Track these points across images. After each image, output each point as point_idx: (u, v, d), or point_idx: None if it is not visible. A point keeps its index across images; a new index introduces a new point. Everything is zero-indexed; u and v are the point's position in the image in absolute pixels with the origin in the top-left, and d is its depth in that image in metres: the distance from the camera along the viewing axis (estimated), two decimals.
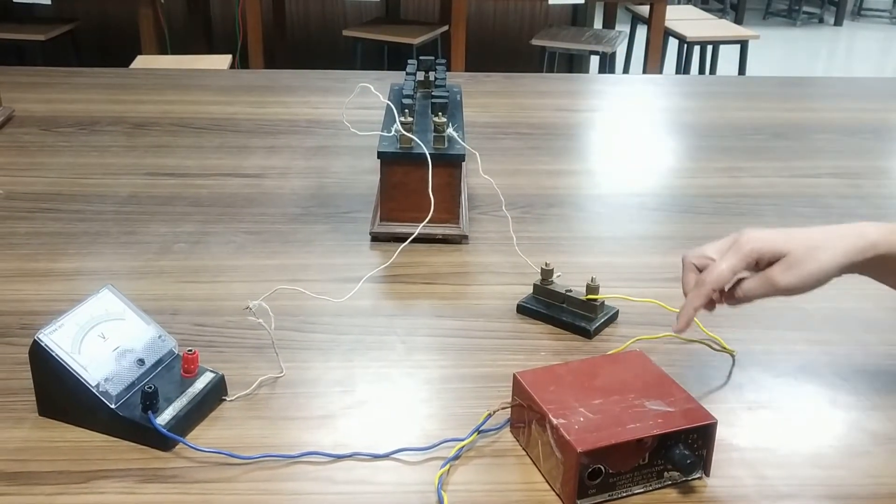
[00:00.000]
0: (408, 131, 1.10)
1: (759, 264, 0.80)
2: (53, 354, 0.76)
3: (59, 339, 0.77)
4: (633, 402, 0.73)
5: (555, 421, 0.70)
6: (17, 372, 0.84)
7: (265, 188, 1.31)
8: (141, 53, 3.58)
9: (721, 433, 0.73)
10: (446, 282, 1.05)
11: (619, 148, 1.56)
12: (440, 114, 1.13)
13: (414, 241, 1.07)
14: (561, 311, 0.96)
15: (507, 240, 1.11)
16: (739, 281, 0.81)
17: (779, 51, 6.53)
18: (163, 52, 3.78)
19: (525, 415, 0.76)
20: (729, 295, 0.82)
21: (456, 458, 0.75)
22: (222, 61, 3.20)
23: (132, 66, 2.89)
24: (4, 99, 1.57)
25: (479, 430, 0.78)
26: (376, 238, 1.14)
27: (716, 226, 1.22)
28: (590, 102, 1.86)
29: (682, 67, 4.41)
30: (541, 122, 1.64)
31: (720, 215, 1.25)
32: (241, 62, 3.90)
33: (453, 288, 1.04)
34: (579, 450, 0.67)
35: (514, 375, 0.77)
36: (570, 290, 0.96)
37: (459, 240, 1.14)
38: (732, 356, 0.91)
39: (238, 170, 1.37)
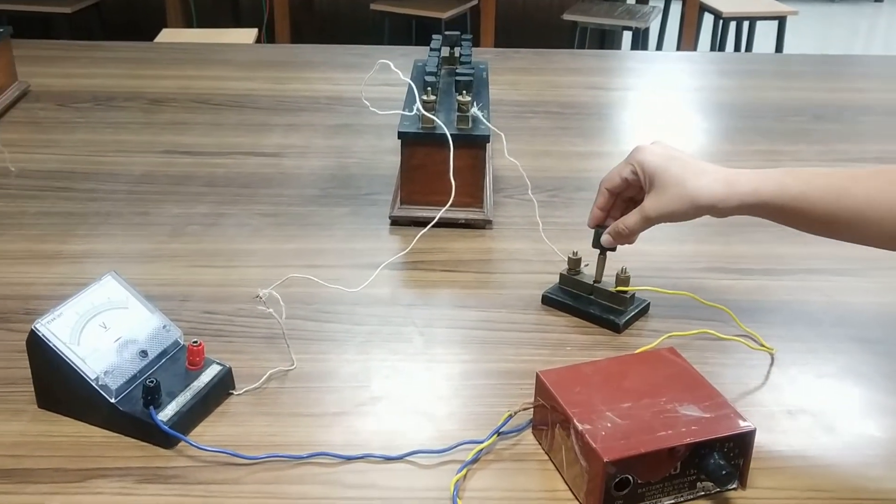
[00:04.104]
0: (430, 110, 1.05)
1: (644, 186, 0.86)
2: (51, 345, 0.72)
3: (57, 328, 0.73)
4: (664, 406, 0.68)
5: (580, 426, 0.66)
6: (18, 360, 0.80)
7: (283, 168, 1.26)
8: (166, 27, 3.54)
9: (759, 440, 0.68)
10: (468, 269, 1.01)
11: (653, 129, 1.50)
12: (464, 92, 1.07)
13: (435, 225, 1.02)
14: (589, 303, 0.91)
15: (532, 225, 1.06)
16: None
17: (817, 27, 6.37)
18: (188, 25, 3.74)
19: (548, 417, 0.71)
20: (614, 229, 0.88)
21: (474, 461, 0.71)
22: (248, 35, 3.15)
23: (157, 39, 2.85)
24: (21, 73, 1.54)
25: (498, 432, 0.73)
26: (396, 222, 1.09)
27: None
28: (623, 80, 1.79)
29: (718, 44, 4.30)
30: (571, 100, 1.58)
31: None
32: (268, 36, 3.86)
33: (475, 276, 0.99)
34: (606, 459, 0.63)
35: (538, 375, 0.72)
36: (599, 282, 0.91)
37: (483, 225, 1.09)
38: (771, 354, 0.85)
39: (256, 148, 1.32)
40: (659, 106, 1.61)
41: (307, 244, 1.05)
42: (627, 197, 0.89)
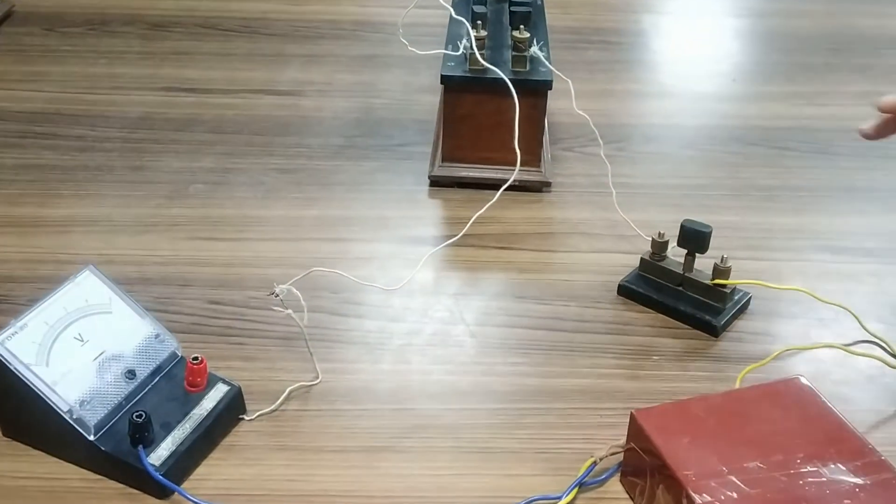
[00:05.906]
0: (479, 48, 0.86)
1: None
2: (11, 368, 0.57)
3: (19, 346, 0.57)
4: (802, 466, 0.52)
5: (698, 499, 0.50)
6: None
7: (302, 110, 1.08)
8: None
9: None
10: (525, 246, 0.84)
11: (731, 61, 1.29)
12: (522, 27, 0.88)
13: (485, 188, 0.86)
14: (677, 297, 0.74)
15: (598, 186, 0.89)
16: None
17: None
18: None
19: (646, 467, 0.55)
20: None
21: None
22: None
23: None
24: None
25: (580, 484, 0.57)
26: (436, 182, 0.92)
27: (857, 172, 0.98)
28: (683, 2, 1.57)
29: None
30: (630, 27, 1.38)
31: (863, 158, 1.00)
32: None
33: (534, 256, 0.83)
34: None
35: (633, 416, 0.56)
36: (690, 272, 0.74)
37: (539, 187, 0.92)
38: None
39: (271, 84, 1.14)
40: (728, 34, 1.40)
41: (331, 209, 0.89)
42: None
